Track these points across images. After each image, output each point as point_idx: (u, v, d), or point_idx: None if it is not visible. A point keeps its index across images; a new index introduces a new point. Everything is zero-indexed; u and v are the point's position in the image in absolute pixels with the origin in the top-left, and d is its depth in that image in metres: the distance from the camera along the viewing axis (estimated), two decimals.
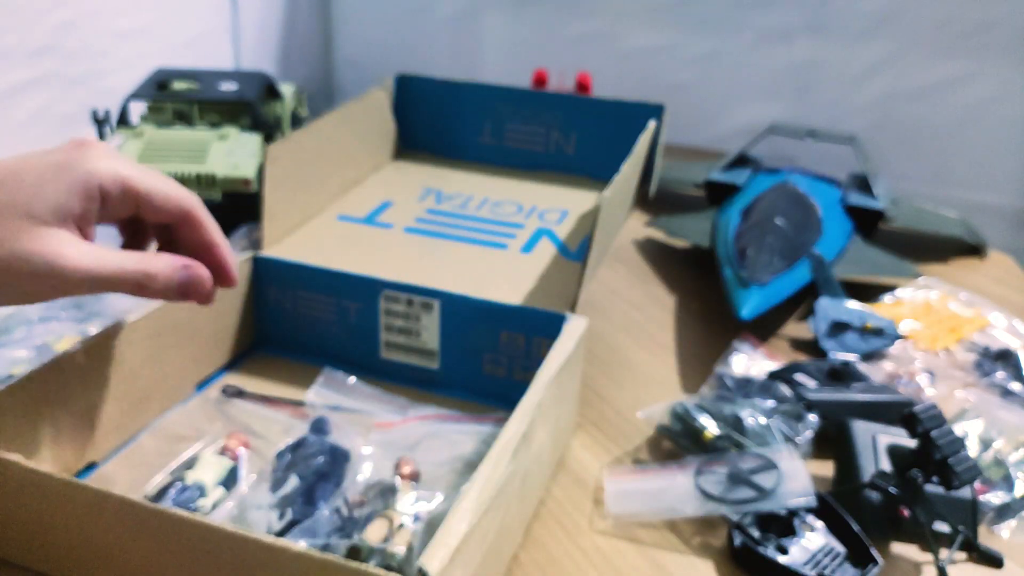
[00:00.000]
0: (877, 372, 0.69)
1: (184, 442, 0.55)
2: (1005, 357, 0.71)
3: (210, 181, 0.78)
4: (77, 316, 0.66)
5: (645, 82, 1.23)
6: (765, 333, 0.75)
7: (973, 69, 1.16)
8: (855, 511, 0.51)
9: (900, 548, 0.52)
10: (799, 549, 0.50)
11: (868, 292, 0.80)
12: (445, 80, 0.88)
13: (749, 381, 0.64)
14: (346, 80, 1.56)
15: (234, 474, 0.52)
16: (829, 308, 0.74)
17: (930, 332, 0.75)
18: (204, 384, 0.63)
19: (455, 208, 0.78)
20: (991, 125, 1.17)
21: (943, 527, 0.51)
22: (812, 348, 0.73)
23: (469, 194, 0.81)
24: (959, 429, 0.60)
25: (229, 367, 0.65)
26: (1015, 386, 0.68)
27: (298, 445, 0.52)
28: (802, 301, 0.78)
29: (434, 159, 0.89)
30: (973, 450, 0.59)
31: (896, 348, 0.72)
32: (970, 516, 0.51)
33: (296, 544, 0.39)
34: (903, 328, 0.74)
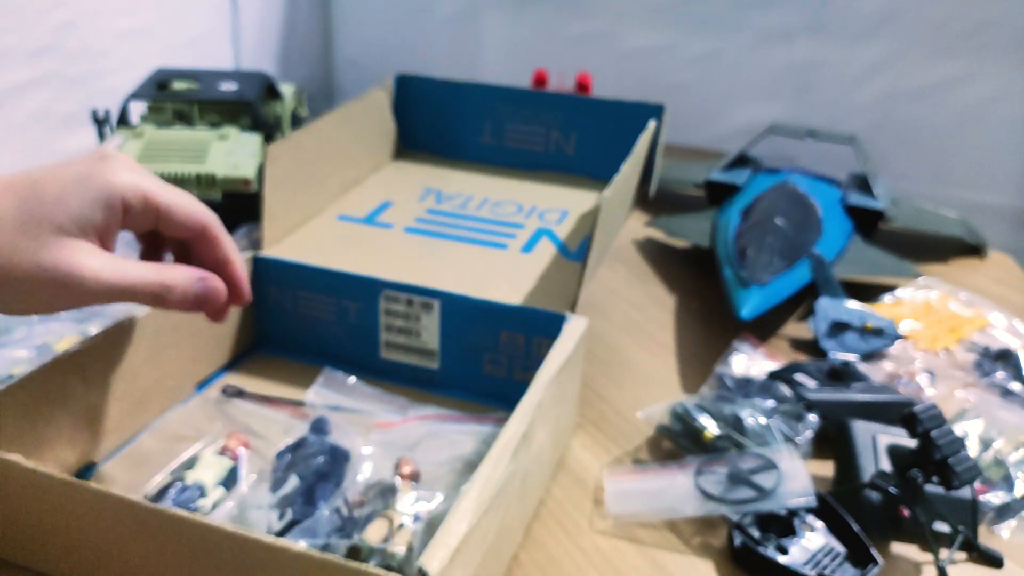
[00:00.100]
0: (877, 372, 0.69)
1: (184, 442, 0.55)
2: (1005, 357, 0.71)
3: (210, 181, 0.78)
4: (77, 316, 0.66)
5: (645, 82, 1.23)
6: (765, 333, 0.75)
7: (973, 69, 1.16)
8: (855, 511, 0.51)
9: (900, 548, 0.52)
10: (799, 549, 0.50)
11: (868, 292, 0.80)
12: (445, 80, 0.88)
13: (749, 381, 0.64)
14: (346, 80, 1.56)
15: (234, 474, 0.52)
16: (829, 308, 0.74)
17: (930, 332, 0.75)
18: (204, 384, 0.63)
19: (455, 208, 0.78)
20: (991, 125, 1.17)
21: (943, 527, 0.51)
22: (812, 348, 0.73)
23: (469, 194, 0.81)
24: (959, 429, 0.60)
25: (229, 367, 0.65)
26: (1015, 386, 0.68)
27: (298, 445, 0.52)
28: (802, 301, 0.78)
29: (434, 159, 0.89)
30: (973, 450, 0.59)
31: (896, 348, 0.72)
32: (970, 516, 0.51)
33: (296, 544, 0.38)
34: (903, 328, 0.74)
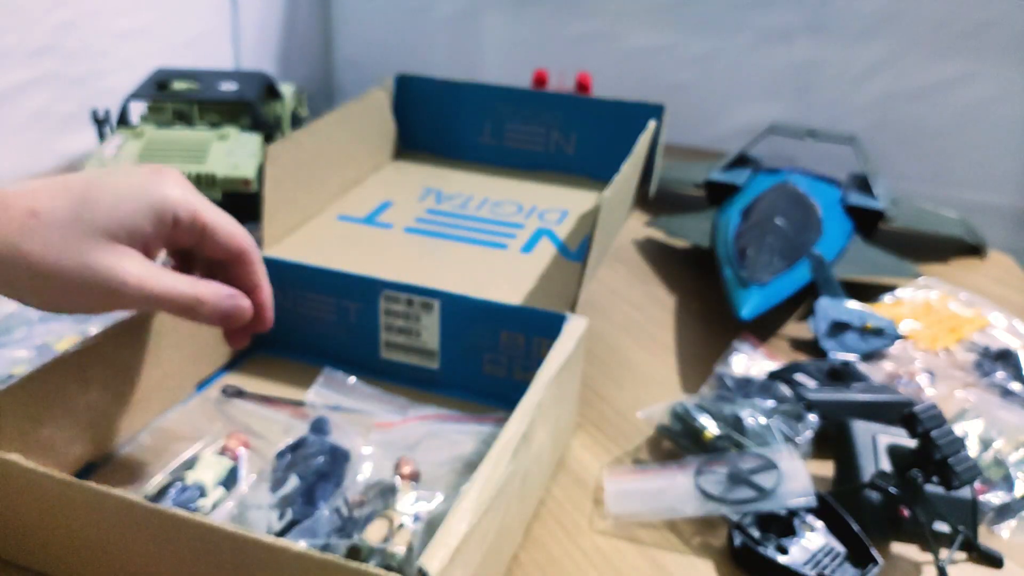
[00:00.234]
0: (877, 372, 0.69)
1: (184, 442, 0.55)
2: (1005, 357, 0.71)
3: (210, 181, 0.78)
4: (77, 316, 0.66)
5: (645, 82, 1.23)
6: (765, 333, 0.75)
7: (973, 69, 1.16)
8: (855, 511, 0.51)
9: (900, 548, 0.52)
10: (799, 549, 0.50)
11: (868, 292, 0.80)
12: (445, 80, 0.88)
13: (749, 381, 0.64)
14: (346, 80, 1.56)
15: (234, 474, 0.52)
16: (829, 308, 0.74)
17: (930, 332, 0.75)
18: (204, 384, 0.63)
19: (455, 208, 0.78)
20: (991, 125, 1.17)
21: (943, 527, 0.51)
22: (812, 348, 0.73)
23: (469, 194, 0.81)
24: (959, 429, 0.60)
25: (229, 367, 0.65)
26: (1015, 386, 0.68)
27: (298, 445, 0.52)
28: (802, 301, 0.78)
29: (434, 159, 0.89)
30: (973, 450, 0.59)
31: (896, 348, 0.72)
32: (970, 516, 0.51)
33: (296, 544, 0.38)
34: (903, 328, 0.74)
